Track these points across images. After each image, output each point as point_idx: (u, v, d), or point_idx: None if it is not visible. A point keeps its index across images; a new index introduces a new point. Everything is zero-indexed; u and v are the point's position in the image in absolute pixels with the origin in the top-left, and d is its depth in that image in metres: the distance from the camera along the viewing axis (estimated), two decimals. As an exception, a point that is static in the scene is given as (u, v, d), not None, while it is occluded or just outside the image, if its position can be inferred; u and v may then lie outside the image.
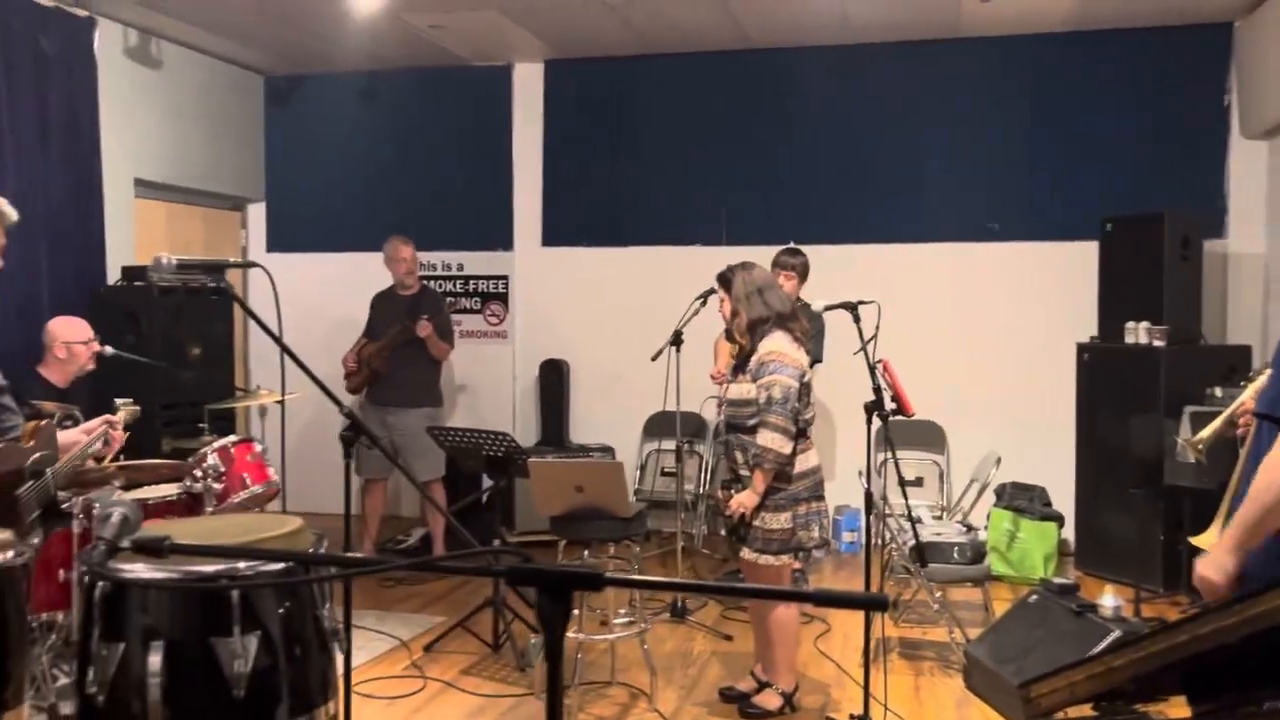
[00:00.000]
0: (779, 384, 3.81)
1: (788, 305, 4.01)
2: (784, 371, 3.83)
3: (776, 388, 3.81)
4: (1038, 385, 6.47)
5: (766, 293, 3.97)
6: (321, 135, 7.52)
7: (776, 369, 3.84)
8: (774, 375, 3.83)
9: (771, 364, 3.85)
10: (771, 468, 3.81)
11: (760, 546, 3.89)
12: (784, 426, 3.79)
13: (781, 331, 3.92)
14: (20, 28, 5.38)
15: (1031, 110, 6.53)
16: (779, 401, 3.80)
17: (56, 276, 5.57)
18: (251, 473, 4.64)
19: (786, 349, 3.88)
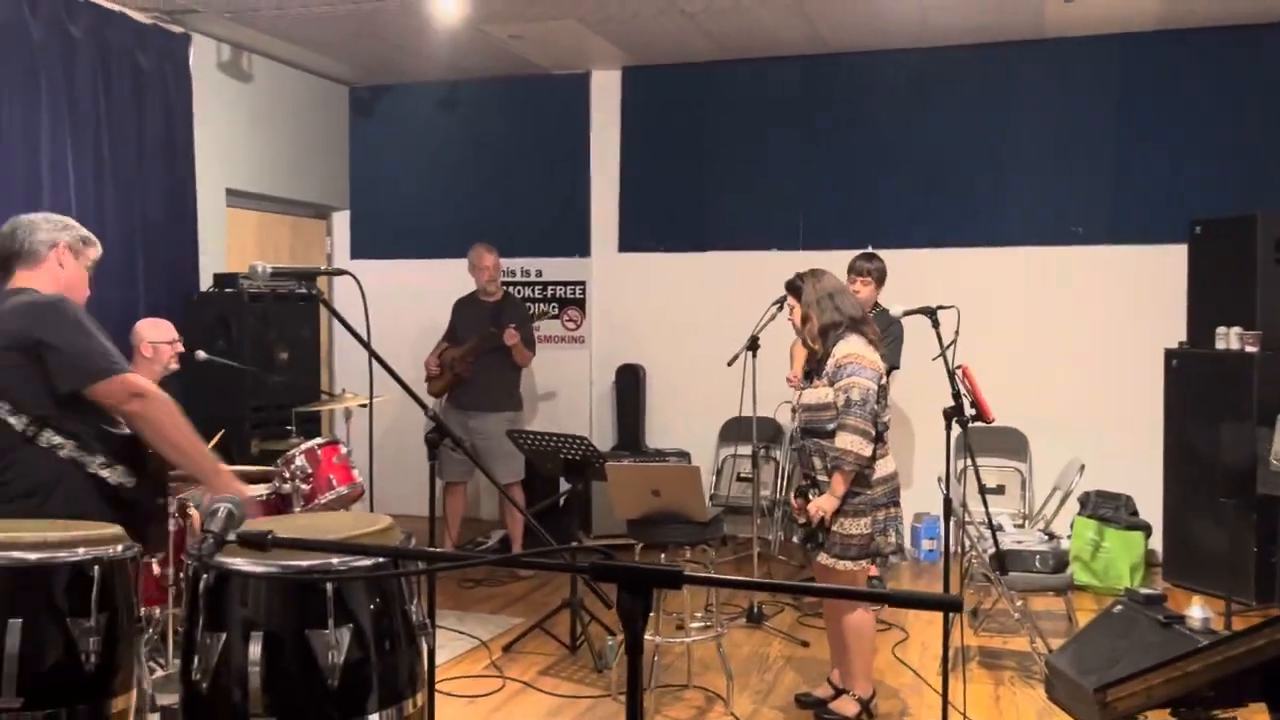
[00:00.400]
0: (858, 386, 3.81)
1: (859, 310, 4.01)
2: (862, 374, 3.82)
3: (855, 390, 3.80)
4: (1124, 392, 6.34)
5: (838, 297, 3.97)
6: (404, 144, 7.68)
7: (855, 371, 3.83)
8: (853, 377, 3.82)
9: (849, 366, 3.85)
10: (852, 470, 3.79)
11: (839, 552, 3.87)
12: (863, 428, 3.78)
13: (856, 335, 3.92)
14: (119, 45, 5.60)
15: (1118, 111, 6.40)
16: (858, 403, 3.79)
17: (152, 284, 5.78)
18: (337, 474, 4.77)
19: (864, 351, 3.87)
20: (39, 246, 2.93)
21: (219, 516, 1.55)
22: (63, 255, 2.97)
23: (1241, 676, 1.28)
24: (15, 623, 2.04)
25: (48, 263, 2.94)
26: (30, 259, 2.93)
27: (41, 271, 2.93)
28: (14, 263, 2.94)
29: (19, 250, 2.93)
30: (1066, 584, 4.63)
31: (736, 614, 5.35)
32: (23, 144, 5.04)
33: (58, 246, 2.96)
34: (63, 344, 2.75)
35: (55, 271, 2.95)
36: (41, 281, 2.91)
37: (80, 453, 2.77)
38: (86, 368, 2.74)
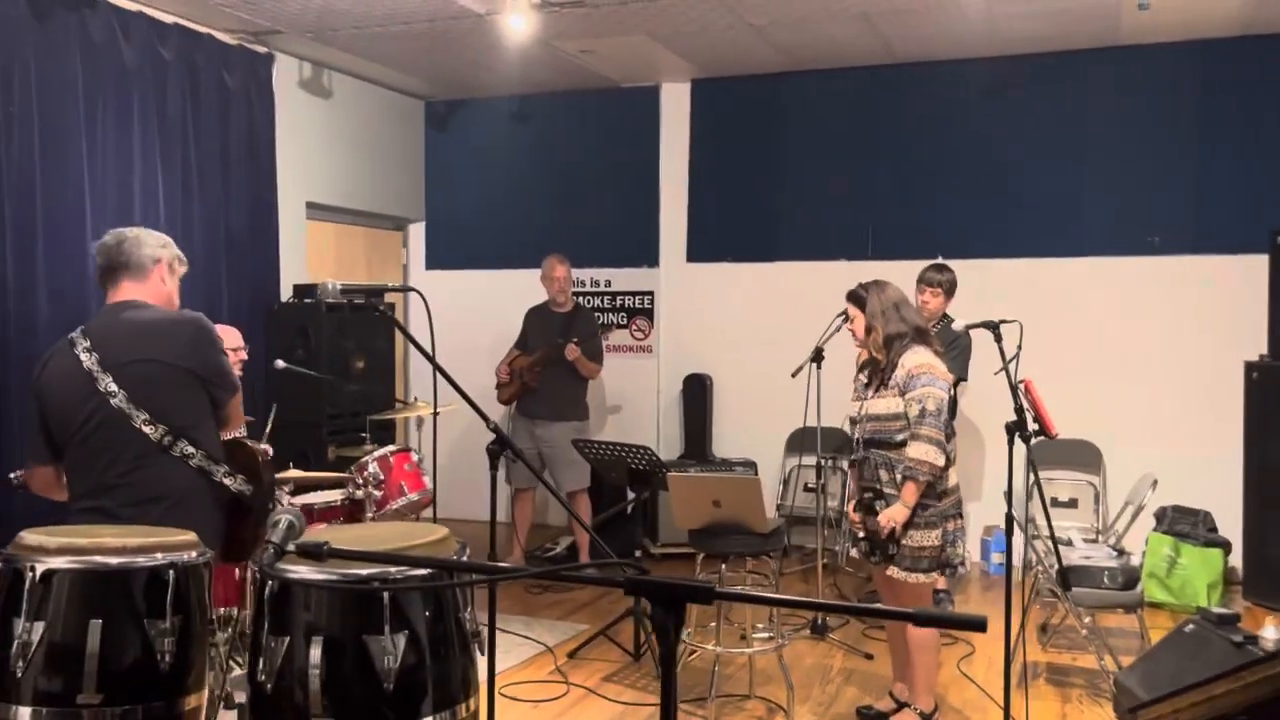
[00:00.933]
0: (933, 396, 3.79)
1: (923, 321, 3.99)
2: (937, 384, 3.82)
3: (931, 400, 3.79)
4: (1203, 405, 6.20)
5: (902, 308, 3.96)
6: (478, 157, 7.84)
7: (930, 381, 3.82)
8: (928, 388, 3.81)
9: (924, 376, 3.83)
10: (926, 480, 3.78)
11: (910, 564, 3.84)
12: (939, 439, 3.78)
13: (923, 345, 3.92)
14: (207, 65, 5.83)
15: (1196, 119, 6.26)
16: (933, 414, 3.78)
17: (235, 294, 5.99)
18: (409, 481, 4.91)
19: (935, 362, 3.87)
20: (145, 260, 3.02)
21: (280, 528, 1.65)
22: (164, 271, 3.08)
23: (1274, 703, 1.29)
24: (96, 623, 2.16)
25: (153, 277, 3.04)
26: (139, 272, 3.01)
27: (149, 285, 3.03)
28: (121, 274, 3.02)
29: (126, 262, 3.01)
30: (1136, 601, 4.54)
31: (801, 625, 5.36)
32: (116, 161, 5.27)
33: (161, 263, 3.06)
34: (217, 363, 2.99)
35: (159, 286, 3.05)
36: (149, 294, 3.02)
37: (208, 462, 2.92)
38: (231, 383, 3.03)
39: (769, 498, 6.79)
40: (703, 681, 4.40)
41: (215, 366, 3.00)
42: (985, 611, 5.51)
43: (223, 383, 3.02)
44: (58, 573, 2.19)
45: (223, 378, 3.02)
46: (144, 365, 2.87)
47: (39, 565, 2.19)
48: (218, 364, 3.01)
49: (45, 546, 2.23)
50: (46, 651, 2.15)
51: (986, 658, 4.91)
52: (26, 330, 4.76)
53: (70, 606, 2.18)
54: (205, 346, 2.98)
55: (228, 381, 3.04)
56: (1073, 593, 4.35)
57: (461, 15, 5.72)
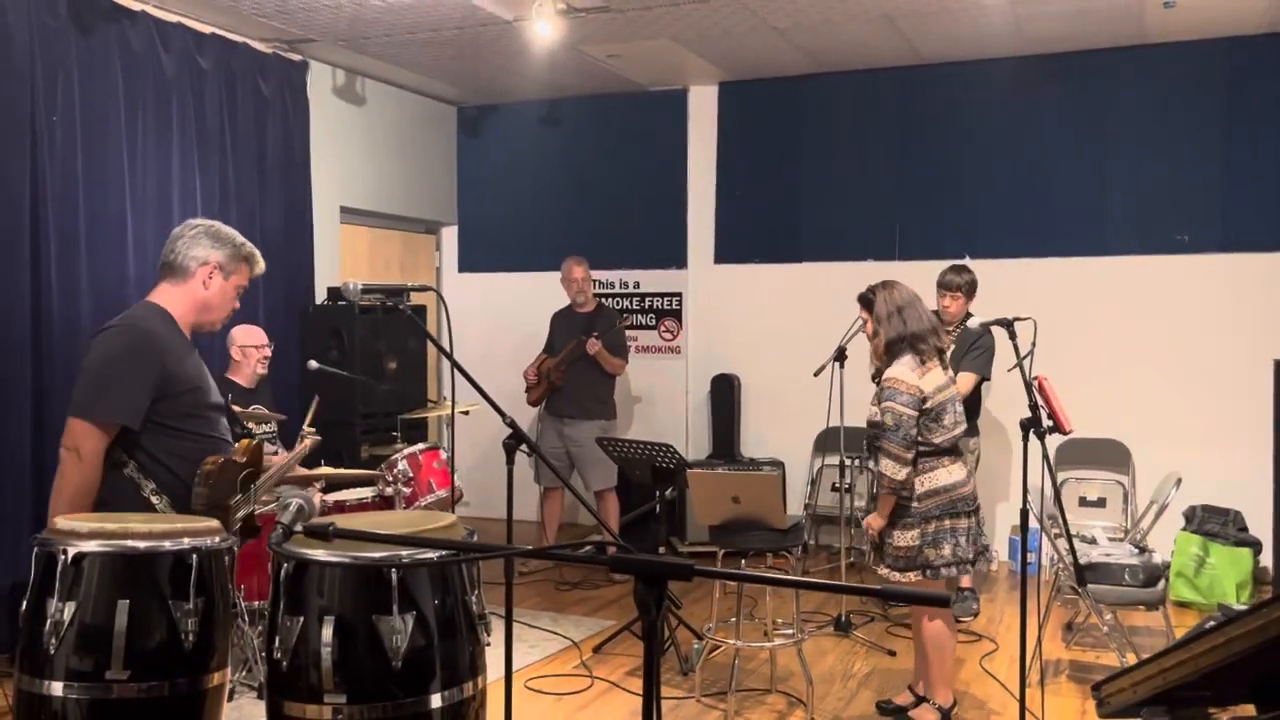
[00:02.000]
0: (891, 411, 3.86)
1: (925, 324, 3.98)
2: (897, 399, 3.86)
3: (889, 415, 3.86)
4: (1233, 404, 6.16)
5: (905, 311, 3.97)
6: (509, 161, 7.95)
7: (890, 395, 3.88)
8: (888, 402, 3.88)
9: (887, 389, 3.90)
10: (888, 492, 3.89)
11: (890, 564, 3.96)
12: (896, 454, 3.84)
13: (909, 354, 3.94)
14: (243, 73, 5.99)
15: (1224, 116, 6.23)
16: (890, 429, 3.85)
17: (271, 296, 6.14)
18: (437, 478, 5.03)
19: (904, 375, 3.88)
20: (189, 262, 2.93)
21: (290, 510, 1.75)
22: (210, 275, 2.96)
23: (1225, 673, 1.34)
24: (123, 604, 2.27)
25: (193, 280, 2.95)
26: (179, 273, 2.94)
27: (185, 288, 2.95)
28: (165, 272, 2.96)
29: (170, 260, 2.94)
30: (1158, 599, 4.54)
31: (825, 622, 5.41)
32: (155, 168, 5.43)
33: (208, 265, 2.95)
34: (85, 373, 2.80)
35: (196, 291, 2.95)
36: (176, 298, 2.94)
37: (138, 474, 2.79)
38: (76, 401, 2.77)
39: (797, 497, 6.84)
40: (724, 676, 4.46)
41: (83, 368, 2.80)
42: (1009, 609, 5.55)
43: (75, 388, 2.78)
44: (88, 555, 2.30)
45: (80, 381, 2.78)
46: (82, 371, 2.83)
47: (71, 548, 2.30)
48: (85, 366, 2.80)
49: (77, 531, 2.35)
50: (78, 630, 2.27)
51: (1009, 655, 4.93)
52: (70, 332, 4.92)
53: (100, 587, 2.29)
54: (93, 347, 2.83)
55: (74, 393, 2.78)
56: (1091, 589, 4.36)
57: (489, 22, 5.83)
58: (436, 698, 2.21)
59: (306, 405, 6.20)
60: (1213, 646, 1.29)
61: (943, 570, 3.91)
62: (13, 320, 4.71)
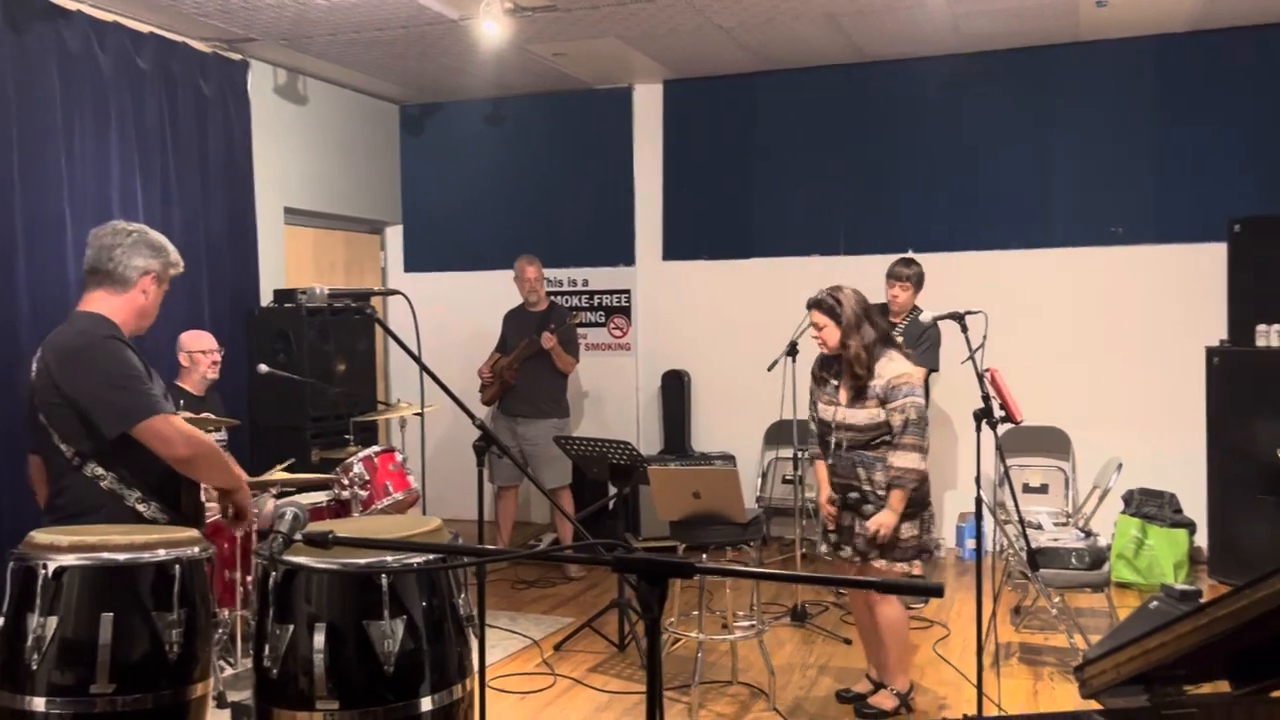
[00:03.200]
0: (915, 406, 3.93)
1: (887, 324, 4.12)
2: (916, 393, 3.96)
3: (913, 409, 3.93)
4: (1167, 390, 6.37)
5: (871, 314, 4.05)
6: (453, 160, 7.92)
7: (909, 392, 3.94)
8: (909, 398, 3.93)
9: (904, 387, 3.95)
10: (913, 485, 3.94)
11: (898, 555, 4.00)
12: (921, 445, 3.93)
13: (895, 350, 4.03)
14: (183, 73, 5.88)
15: (1155, 112, 6.44)
16: (915, 423, 3.92)
17: (215, 299, 6.05)
18: (394, 481, 5.00)
19: (911, 370, 3.99)
20: (131, 272, 2.88)
21: (286, 519, 1.75)
22: (149, 284, 2.94)
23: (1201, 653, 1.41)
24: (107, 616, 2.25)
25: (133, 290, 2.90)
26: (119, 282, 2.88)
27: (123, 299, 2.89)
28: (101, 281, 2.88)
29: (110, 270, 2.87)
30: (1103, 580, 4.69)
31: (781, 613, 5.49)
32: (95, 169, 5.32)
33: (148, 275, 2.92)
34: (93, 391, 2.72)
35: (136, 300, 2.91)
36: (117, 308, 2.87)
37: (119, 485, 2.75)
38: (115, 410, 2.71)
39: (748, 490, 6.92)
40: (686, 669, 4.52)
41: (90, 394, 2.72)
42: (959, 595, 5.68)
43: (102, 412, 2.71)
44: (69, 569, 2.28)
45: (102, 406, 2.71)
46: (50, 387, 2.77)
47: (51, 563, 2.27)
48: (93, 392, 2.72)
49: (57, 545, 2.31)
50: (60, 645, 2.24)
51: (962, 640, 5.05)
52: (6, 336, 4.82)
53: (82, 601, 2.27)
54: (80, 373, 2.74)
55: (110, 410, 2.71)
56: (1041, 574, 4.49)
57: (435, 21, 5.81)
58: (427, 700, 2.23)
59: (256, 409, 6.15)
60: (1195, 627, 1.36)
61: (935, 552, 4.03)
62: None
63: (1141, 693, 1.67)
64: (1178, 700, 1.48)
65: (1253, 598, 1.25)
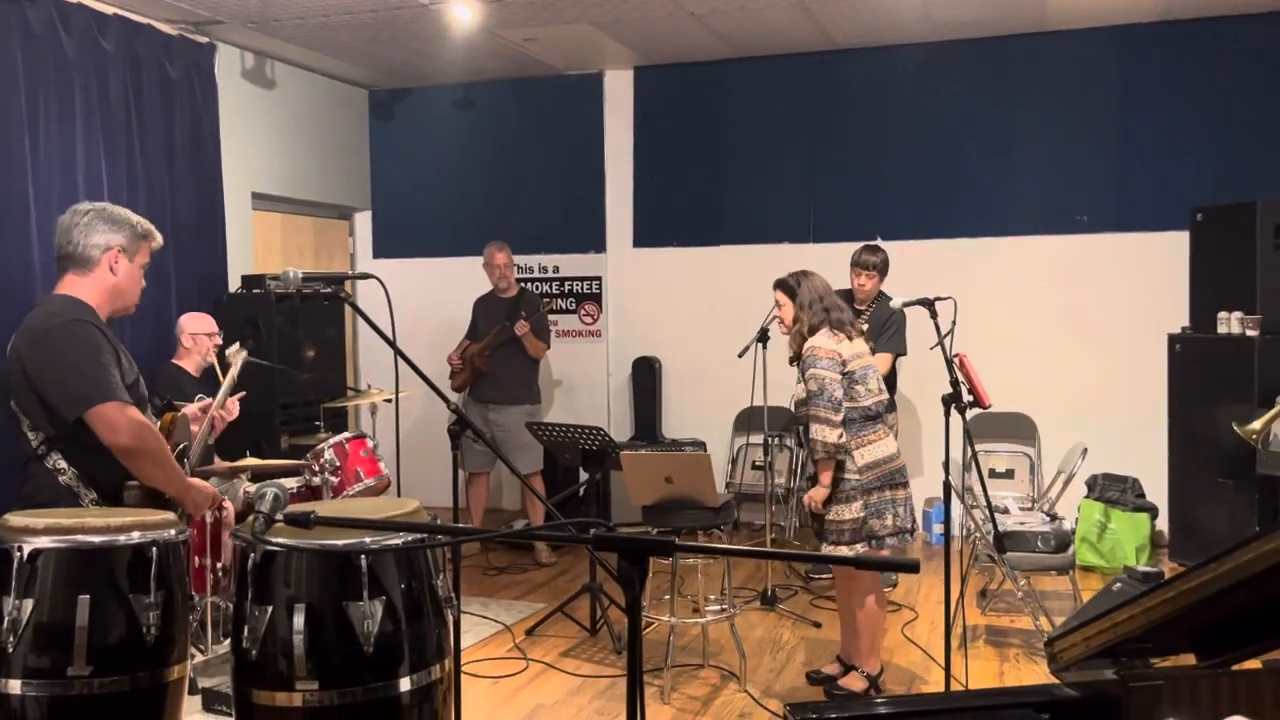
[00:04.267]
0: (814, 377, 4.01)
1: (844, 312, 4.16)
2: (819, 364, 4.01)
3: (813, 381, 4.01)
4: (1129, 377, 6.47)
5: (826, 299, 4.14)
6: (423, 146, 7.88)
7: (812, 362, 4.03)
8: (811, 370, 4.03)
9: (808, 359, 4.05)
10: (825, 458, 3.99)
11: (834, 538, 4.06)
12: (826, 416, 3.97)
13: (824, 329, 4.09)
14: (148, 56, 5.81)
15: (1120, 102, 6.52)
16: (815, 393, 4.00)
17: (183, 284, 5.99)
18: (365, 467, 4.99)
19: (822, 342, 4.05)
20: (92, 251, 2.84)
21: (267, 499, 1.75)
22: (116, 260, 2.88)
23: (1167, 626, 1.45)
24: (84, 599, 2.23)
25: (99, 269, 2.86)
26: (82, 264, 2.84)
27: (92, 278, 2.86)
28: (67, 265, 2.86)
29: (71, 252, 2.84)
30: (1068, 563, 4.77)
31: (751, 597, 5.53)
32: (59, 152, 5.25)
33: (111, 251, 2.87)
34: (53, 374, 2.69)
35: (105, 279, 2.87)
36: (87, 289, 2.84)
37: (77, 483, 2.73)
38: (72, 395, 2.67)
39: (719, 476, 6.96)
40: (658, 653, 4.55)
41: (51, 377, 2.69)
42: (927, 579, 5.76)
43: (59, 395, 2.67)
44: (44, 552, 2.26)
45: (59, 389, 2.67)
46: (18, 371, 2.73)
47: (26, 545, 2.26)
48: (54, 375, 2.68)
49: (31, 527, 2.30)
50: (35, 628, 2.23)
51: (930, 622, 5.12)
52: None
53: (58, 584, 2.26)
54: (43, 356, 2.71)
55: (68, 394, 2.67)
56: (1008, 557, 4.56)
57: (405, 5, 5.77)
58: (406, 681, 2.24)
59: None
60: (1162, 600, 1.40)
61: (887, 540, 4.06)
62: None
63: (1109, 665, 1.71)
64: (1145, 673, 1.52)
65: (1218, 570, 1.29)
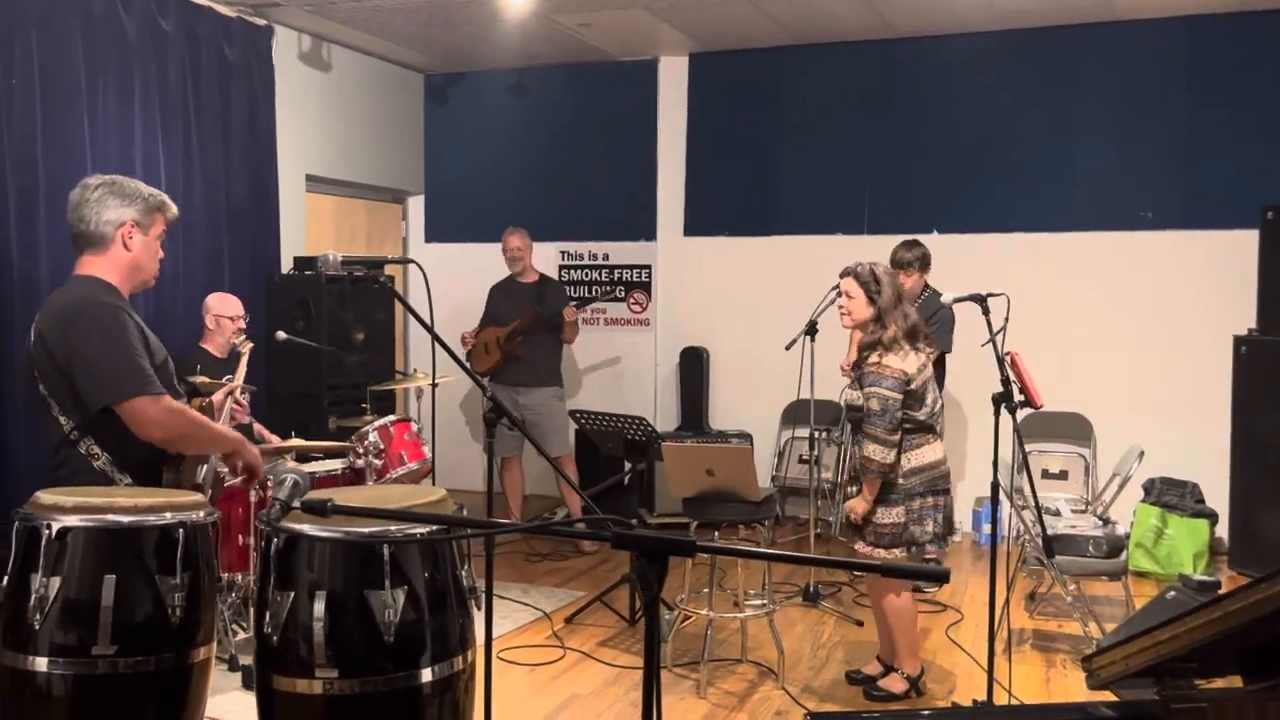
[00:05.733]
0: (876, 396, 3.89)
1: (916, 314, 4.05)
2: (883, 383, 3.89)
3: (875, 400, 3.90)
4: (1192, 379, 6.28)
5: (905, 303, 4.02)
6: (476, 130, 7.88)
7: (875, 381, 3.91)
8: (872, 387, 3.91)
9: (870, 375, 3.93)
10: (876, 476, 3.92)
11: (873, 540, 3.99)
12: (883, 438, 3.88)
13: (908, 347, 3.97)
14: (207, 38, 5.87)
15: (1188, 95, 6.31)
16: (877, 414, 3.89)
17: (236, 265, 6.06)
18: (408, 450, 5.01)
19: (892, 362, 3.91)
20: (105, 228, 2.75)
21: (286, 485, 1.73)
22: (129, 235, 2.78)
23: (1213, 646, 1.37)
24: (109, 579, 2.24)
25: (114, 247, 2.77)
26: (97, 243, 2.76)
27: (108, 256, 2.77)
28: (82, 245, 2.78)
29: (85, 231, 2.76)
30: (1120, 569, 4.64)
31: (793, 593, 5.46)
32: (117, 133, 5.32)
33: (124, 226, 2.76)
34: (85, 355, 2.62)
35: (120, 256, 2.78)
36: (106, 268, 2.77)
37: (112, 468, 2.69)
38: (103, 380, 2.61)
39: (765, 470, 6.89)
40: (695, 646, 4.50)
41: (80, 362, 2.62)
42: (973, 580, 5.64)
43: (89, 382, 2.61)
44: (73, 530, 2.27)
45: (89, 376, 2.61)
46: (45, 355, 2.67)
47: (55, 523, 2.27)
48: (84, 360, 2.62)
49: (61, 505, 2.31)
50: (63, 606, 2.24)
51: (975, 624, 5.02)
52: (30, 297, 4.83)
53: (85, 562, 2.26)
54: (71, 339, 2.64)
55: (98, 381, 2.61)
56: (1057, 560, 4.44)
57: (460, -11, 5.76)
58: (427, 671, 2.22)
59: (275, 376, 6.16)
60: (1208, 620, 1.32)
61: (927, 546, 3.97)
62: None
63: (1151, 685, 1.63)
64: (1189, 694, 1.45)
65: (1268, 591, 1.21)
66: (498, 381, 6.41)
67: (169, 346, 2.95)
